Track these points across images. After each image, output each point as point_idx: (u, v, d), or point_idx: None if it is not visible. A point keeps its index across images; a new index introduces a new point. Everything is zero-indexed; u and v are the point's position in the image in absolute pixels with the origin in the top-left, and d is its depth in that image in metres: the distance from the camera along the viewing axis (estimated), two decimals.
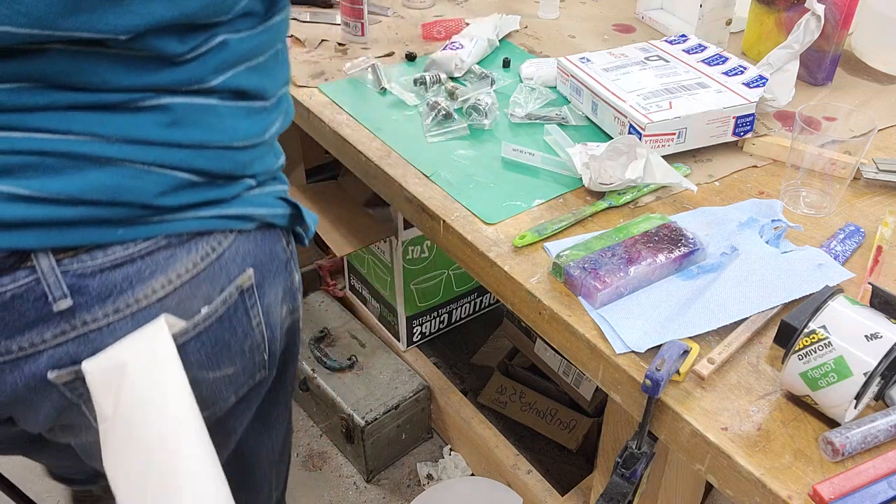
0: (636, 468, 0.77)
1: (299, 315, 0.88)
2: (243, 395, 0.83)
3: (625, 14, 1.54)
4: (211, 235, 0.69)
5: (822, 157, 0.95)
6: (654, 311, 0.81)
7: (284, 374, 0.91)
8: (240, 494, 0.96)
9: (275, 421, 0.97)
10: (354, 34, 1.36)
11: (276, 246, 0.78)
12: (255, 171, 0.74)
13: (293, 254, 0.82)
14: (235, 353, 0.76)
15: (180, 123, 0.64)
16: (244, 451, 0.94)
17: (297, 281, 0.84)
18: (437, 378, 1.75)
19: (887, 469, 0.66)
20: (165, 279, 0.66)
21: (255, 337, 0.78)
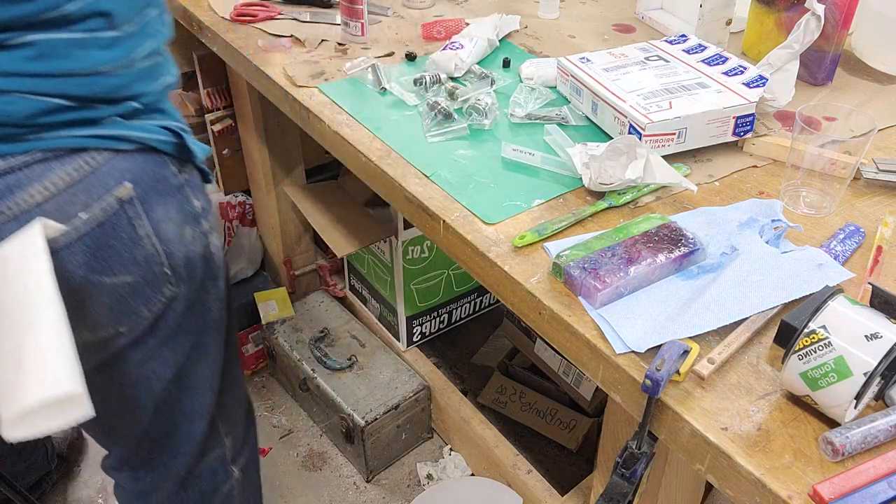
0: (636, 468, 0.77)
1: (213, 242, 0.99)
2: (158, 311, 0.93)
3: (625, 14, 1.54)
4: (85, 152, 0.80)
5: (822, 157, 0.95)
6: (654, 311, 0.81)
7: (205, 298, 1.01)
8: (176, 419, 1.06)
9: (207, 349, 1.05)
10: (354, 34, 1.36)
11: (163, 170, 0.89)
12: (135, 92, 0.83)
13: (190, 182, 0.93)
14: (127, 260, 0.86)
15: (46, 56, 0.74)
16: (182, 377, 1.03)
17: (198, 207, 0.95)
18: (437, 378, 1.75)
19: (887, 469, 0.66)
20: (42, 187, 0.77)
21: (146, 248, 0.88)
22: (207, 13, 1.45)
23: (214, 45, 1.44)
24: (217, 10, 1.46)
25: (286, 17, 1.45)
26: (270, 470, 1.76)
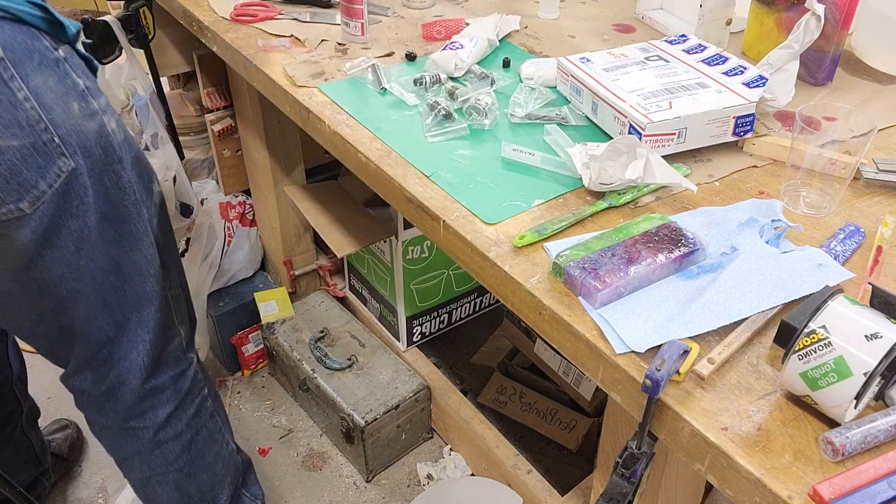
0: (636, 468, 0.77)
1: (109, 124, 1.01)
2: (60, 187, 0.95)
3: (625, 14, 1.54)
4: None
5: (822, 157, 0.95)
6: (654, 311, 0.81)
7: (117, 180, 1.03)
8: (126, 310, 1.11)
9: (136, 234, 1.09)
10: (354, 34, 1.36)
11: (35, 42, 0.91)
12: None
13: (69, 60, 0.96)
14: (10, 122, 0.88)
15: None
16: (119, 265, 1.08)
17: (81, 84, 0.97)
18: (437, 378, 1.75)
19: (887, 469, 0.66)
20: None
21: (27, 111, 0.89)
22: (207, 13, 1.45)
23: (214, 45, 1.44)
24: (217, 10, 1.46)
25: (286, 17, 1.45)
26: (270, 470, 1.76)
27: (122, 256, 1.08)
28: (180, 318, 1.25)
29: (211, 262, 1.87)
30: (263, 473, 1.75)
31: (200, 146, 1.98)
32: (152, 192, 1.15)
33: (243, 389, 1.95)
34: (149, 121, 1.54)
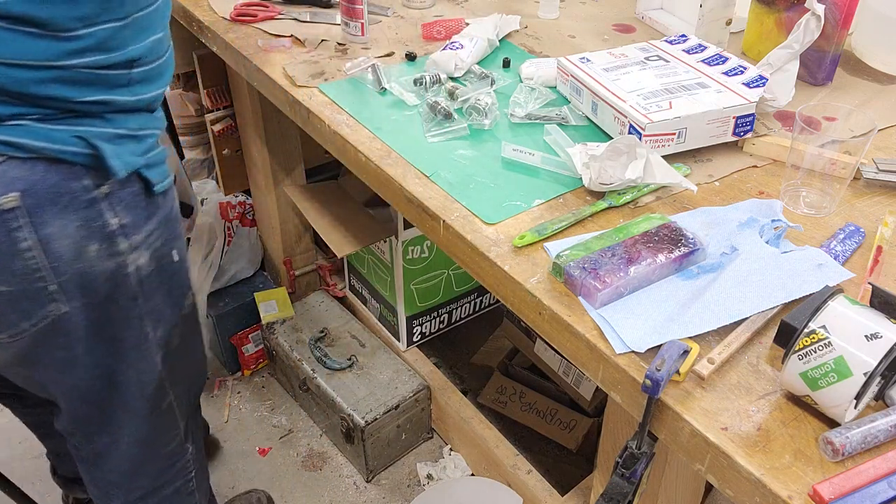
0: (636, 468, 0.77)
1: (136, 262, 0.98)
2: (43, 327, 0.94)
3: (625, 14, 1.54)
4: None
5: (822, 157, 0.95)
6: (654, 311, 0.81)
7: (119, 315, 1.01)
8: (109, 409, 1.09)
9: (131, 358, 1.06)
10: (354, 34, 1.36)
11: (70, 182, 0.87)
12: (42, 94, 0.82)
13: (112, 196, 0.92)
14: (3, 269, 0.86)
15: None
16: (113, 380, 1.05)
17: (114, 224, 0.94)
18: (437, 378, 1.75)
19: (887, 469, 0.66)
20: None
21: (26, 261, 0.87)
22: (207, 13, 1.45)
23: (214, 45, 1.44)
24: (217, 10, 1.46)
25: (286, 17, 1.45)
26: (270, 470, 1.76)
27: (116, 368, 1.06)
28: (183, 414, 1.21)
29: (211, 262, 1.87)
30: (263, 474, 1.75)
31: (200, 146, 1.98)
32: (181, 306, 1.11)
33: (243, 389, 1.95)
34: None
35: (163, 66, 0.99)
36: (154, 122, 1.00)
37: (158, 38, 0.95)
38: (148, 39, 0.93)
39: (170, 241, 1.04)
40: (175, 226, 1.06)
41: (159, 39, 0.96)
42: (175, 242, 1.06)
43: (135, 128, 0.94)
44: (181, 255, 1.08)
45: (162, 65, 0.98)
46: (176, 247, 1.06)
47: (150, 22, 0.93)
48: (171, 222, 1.04)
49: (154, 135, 0.99)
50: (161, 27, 0.96)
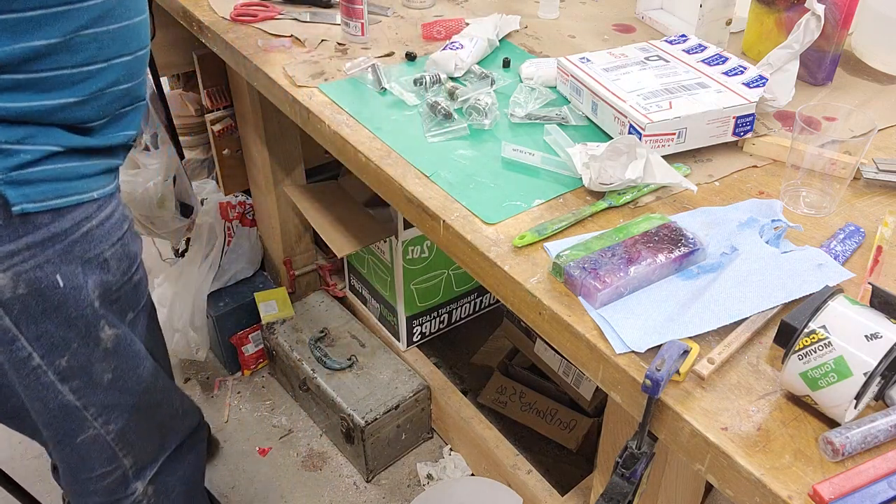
0: (636, 468, 0.77)
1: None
2: None
3: (625, 14, 1.54)
4: None
5: (822, 157, 0.95)
6: (654, 311, 0.81)
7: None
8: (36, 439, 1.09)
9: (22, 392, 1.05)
10: (354, 34, 1.36)
11: None
12: None
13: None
14: None
15: None
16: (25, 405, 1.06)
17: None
18: (437, 378, 1.75)
19: (887, 469, 0.66)
20: None
21: None
22: (207, 13, 1.45)
23: (214, 45, 1.44)
24: (217, 10, 1.46)
25: (286, 17, 1.45)
26: (270, 470, 1.76)
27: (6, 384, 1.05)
28: (129, 451, 1.17)
29: (211, 262, 1.87)
30: (263, 473, 1.75)
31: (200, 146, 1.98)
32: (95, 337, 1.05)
33: (243, 389, 1.95)
34: (149, 121, 1.54)
35: (63, 78, 0.90)
36: (52, 135, 0.92)
37: (52, 45, 0.87)
38: (23, 44, 0.85)
39: (49, 264, 0.95)
40: (66, 249, 0.97)
41: (54, 46, 0.88)
42: (60, 267, 0.97)
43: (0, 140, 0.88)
44: (74, 281, 0.99)
45: (60, 77, 0.90)
46: (62, 272, 0.97)
47: (29, 25, 0.85)
48: (54, 244, 0.95)
49: (45, 151, 0.91)
50: (56, 32, 0.87)
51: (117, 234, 1.04)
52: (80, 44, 0.91)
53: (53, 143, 0.92)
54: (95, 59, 0.93)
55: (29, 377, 1.03)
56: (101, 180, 1.00)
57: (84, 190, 0.97)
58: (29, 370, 1.02)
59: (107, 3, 0.92)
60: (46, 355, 1.01)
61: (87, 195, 0.97)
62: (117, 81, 0.97)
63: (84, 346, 1.04)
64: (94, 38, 0.92)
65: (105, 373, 1.08)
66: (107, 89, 0.96)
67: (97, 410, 1.10)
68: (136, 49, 1.00)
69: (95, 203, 0.99)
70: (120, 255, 1.05)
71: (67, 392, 1.06)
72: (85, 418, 1.10)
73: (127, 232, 1.06)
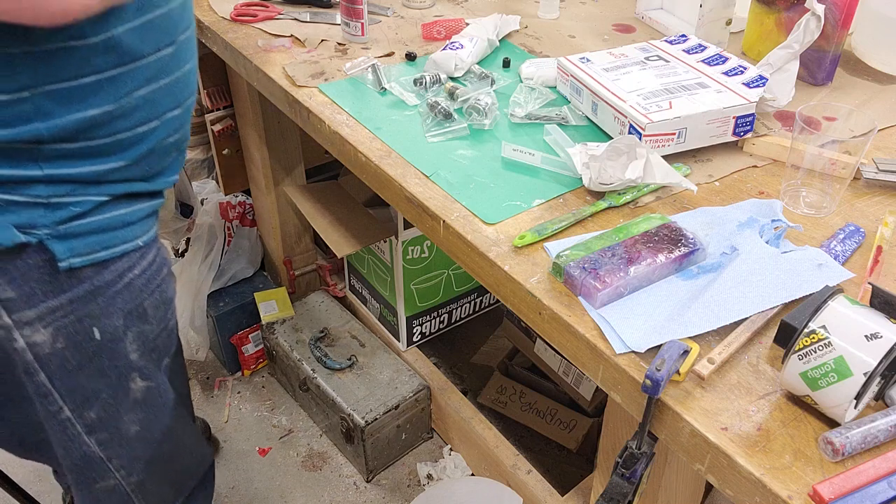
0: (636, 468, 0.77)
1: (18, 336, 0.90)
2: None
3: (625, 14, 1.54)
4: None
5: (822, 157, 0.95)
6: (654, 311, 0.81)
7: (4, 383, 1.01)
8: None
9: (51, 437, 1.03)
10: (354, 34, 1.36)
11: None
12: None
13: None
14: None
15: None
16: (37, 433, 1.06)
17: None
18: (437, 378, 1.75)
19: (887, 469, 0.66)
20: None
21: None
22: (207, 13, 1.45)
23: (214, 45, 1.44)
24: (217, 10, 1.46)
25: (286, 17, 1.45)
26: (270, 470, 1.76)
27: (38, 427, 1.05)
28: (143, 498, 1.14)
29: (211, 262, 1.87)
30: (263, 473, 1.75)
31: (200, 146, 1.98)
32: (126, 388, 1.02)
33: (243, 389, 1.95)
34: None
35: (117, 144, 0.87)
36: (101, 188, 0.88)
37: (106, 112, 0.83)
38: (77, 115, 0.81)
39: (89, 318, 0.93)
40: (108, 302, 0.94)
41: (109, 113, 0.84)
42: (100, 320, 0.94)
43: (46, 195, 0.84)
44: (114, 333, 0.96)
45: (114, 143, 0.86)
46: (100, 325, 0.94)
47: (84, 93, 0.81)
48: (96, 298, 0.92)
49: (94, 202, 0.88)
50: (111, 98, 0.83)
51: (156, 280, 1.01)
52: (135, 106, 0.87)
53: (104, 194, 0.89)
54: (149, 119, 0.90)
55: (57, 427, 1.01)
56: (145, 225, 0.96)
57: (129, 238, 0.93)
58: (58, 421, 1.00)
59: (162, 59, 0.88)
60: (76, 409, 0.99)
61: (132, 244, 0.94)
62: (168, 135, 0.94)
63: (114, 398, 1.02)
64: (147, 98, 0.88)
65: (132, 424, 1.06)
66: (158, 146, 0.93)
67: (120, 462, 1.08)
68: (187, 98, 0.96)
69: (139, 252, 0.96)
70: (157, 303, 1.02)
71: (93, 444, 1.04)
72: (107, 469, 1.08)
73: (165, 276, 1.03)
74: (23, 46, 0.76)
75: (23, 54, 0.76)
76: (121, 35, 0.81)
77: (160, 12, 0.86)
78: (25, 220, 0.83)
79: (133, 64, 0.84)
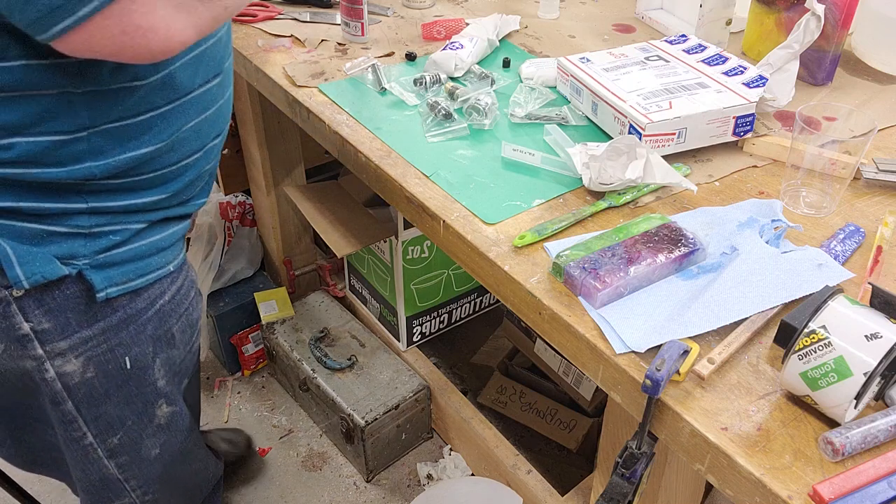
0: (636, 468, 0.77)
1: (49, 367, 0.89)
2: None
3: (625, 14, 1.54)
4: None
5: (822, 157, 0.95)
6: (654, 311, 0.81)
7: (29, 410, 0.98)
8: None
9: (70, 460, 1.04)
10: (354, 34, 1.36)
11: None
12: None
13: (22, 298, 0.83)
14: None
15: None
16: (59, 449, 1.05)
17: (23, 328, 0.86)
18: (437, 378, 1.75)
19: (887, 469, 0.66)
20: None
21: None
22: None
23: None
24: None
25: (286, 17, 1.45)
26: (270, 470, 1.75)
27: (55, 447, 1.06)
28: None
29: (211, 262, 1.87)
30: (263, 473, 1.75)
31: None
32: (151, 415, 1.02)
33: (243, 389, 1.95)
34: None
35: (161, 178, 0.87)
36: (139, 217, 0.88)
37: (158, 149, 0.84)
38: (130, 153, 0.81)
39: (120, 347, 0.93)
40: (139, 329, 0.94)
41: (160, 149, 0.84)
42: (131, 348, 0.94)
43: (88, 226, 0.84)
44: (143, 360, 0.97)
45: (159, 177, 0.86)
46: (131, 353, 0.95)
47: (138, 131, 0.81)
48: (128, 326, 0.92)
49: (132, 231, 0.88)
50: (164, 134, 0.83)
51: (185, 304, 1.01)
52: (183, 139, 0.87)
53: (143, 222, 0.89)
54: (194, 151, 0.90)
55: (78, 452, 1.01)
56: (176, 249, 0.97)
57: (162, 265, 0.94)
58: (80, 447, 1.00)
59: (211, 90, 0.88)
60: (100, 434, 0.99)
61: (164, 269, 0.94)
62: (208, 163, 0.95)
63: (138, 423, 1.02)
64: (195, 129, 0.88)
65: (153, 448, 1.07)
66: (199, 175, 0.93)
67: (137, 483, 1.09)
68: (225, 125, 0.96)
69: (170, 277, 0.96)
70: (184, 327, 1.03)
71: (113, 467, 1.04)
72: (123, 489, 1.08)
73: (193, 299, 1.04)
74: (86, 87, 0.75)
75: (84, 94, 0.76)
76: (176, 70, 0.82)
77: (211, 42, 0.86)
78: (66, 251, 0.83)
79: (185, 98, 0.85)
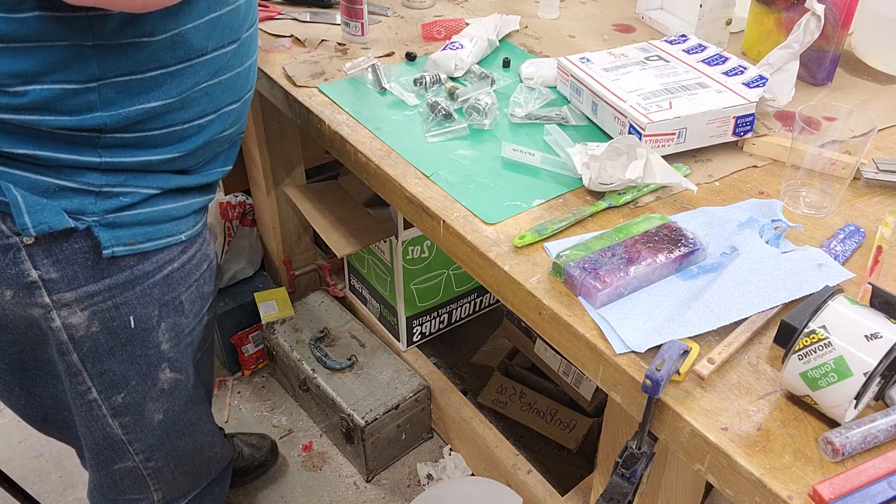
0: (636, 468, 0.77)
1: (56, 316, 0.92)
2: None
3: (625, 14, 1.54)
4: None
5: (822, 157, 0.95)
6: (654, 311, 0.81)
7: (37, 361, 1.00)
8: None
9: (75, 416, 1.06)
10: (354, 34, 1.36)
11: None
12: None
13: (33, 246, 0.86)
14: None
15: None
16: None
17: (32, 275, 0.88)
18: (437, 378, 1.75)
19: (887, 469, 0.66)
20: None
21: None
22: None
23: None
24: None
25: (286, 17, 1.45)
26: (270, 470, 1.75)
27: (61, 404, 1.07)
28: (162, 487, 1.17)
29: None
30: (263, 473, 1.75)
31: None
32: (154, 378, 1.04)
33: (243, 389, 1.95)
34: None
35: (173, 135, 0.89)
36: (153, 180, 0.91)
37: (167, 104, 0.86)
38: (139, 106, 0.84)
39: (125, 305, 0.95)
40: (145, 291, 0.96)
41: (170, 105, 0.86)
42: (136, 309, 0.96)
43: (98, 184, 0.87)
44: (147, 323, 0.99)
45: (171, 134, 0.89)
46: (136, 313, 0.96)
47: (148, 86, 0.84)
48: (134, 287, 0.95)
49: (144, 194, 0.90)
50: (174, 91, 0.85)
51: (195, 275, 1.03)
52: (194, 99, 0.89)
53: (154, 187, 0.92)
54: (206, 112, 0.92)
55: (83, 407, 1.03)
56: (192, 220, 0.99)
57: (174, 232, 0.96)
58: (85, 401, 1.02)
59: (225, 55, 0.90)
60: (104, 391, 1.01)
61: (175, 238, 0.96)
62: (224, 129, 0.96)
63: (141, 385, 1.04)
64: (207, 92, 0.90)
65: (156, 413, 1.08)
66: (213, 138, 0.95)
67: (140, 447, 1.10)
68: (245, 93, 0.97)
69: (181, 245, 0.98)
70: (194, 297, 1.04)
71: (117, 427, 1.06)
72: (126, 451, 1.10)
73: (205, 272, 1.05)
74: (96, 40, 0.79)
75: (94, 47, 0.79)
76: (188, 31, 0.84)
77: (228, 9, 0.88)
78: (76, 206, 0.86)
79: (197, 60, 0.87)
